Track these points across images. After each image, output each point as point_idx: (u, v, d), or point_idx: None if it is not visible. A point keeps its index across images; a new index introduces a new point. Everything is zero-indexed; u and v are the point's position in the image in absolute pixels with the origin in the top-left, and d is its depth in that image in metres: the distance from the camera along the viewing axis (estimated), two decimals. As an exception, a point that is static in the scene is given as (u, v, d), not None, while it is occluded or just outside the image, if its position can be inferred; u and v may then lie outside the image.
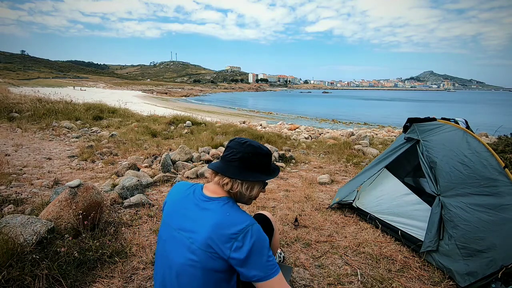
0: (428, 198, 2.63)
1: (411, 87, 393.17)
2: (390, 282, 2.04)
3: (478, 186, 2.18)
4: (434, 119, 2.72)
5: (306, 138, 9.96)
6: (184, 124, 9.59)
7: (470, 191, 2.19)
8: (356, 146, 6.69)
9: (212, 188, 1.24)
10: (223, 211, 1.15)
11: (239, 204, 1.30)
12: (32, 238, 1.92)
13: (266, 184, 1.35)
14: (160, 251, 1.28)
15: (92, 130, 8.19)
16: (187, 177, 4.30)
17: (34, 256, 1.80)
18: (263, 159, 1.26)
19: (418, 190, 3.08)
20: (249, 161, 1.22)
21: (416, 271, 2.17)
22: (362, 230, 2.81)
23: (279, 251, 2.26)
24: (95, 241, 2.17)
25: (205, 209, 1.17)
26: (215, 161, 1.01)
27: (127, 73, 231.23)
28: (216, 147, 6.05)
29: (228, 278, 1.15)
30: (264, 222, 1.63)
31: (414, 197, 2.64)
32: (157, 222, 2.80)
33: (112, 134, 7.36)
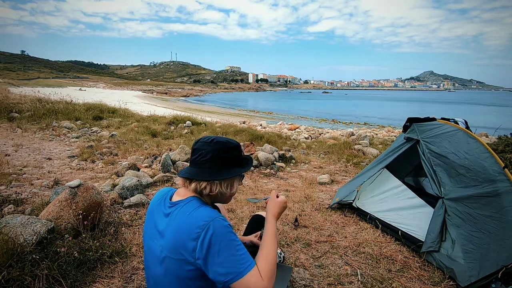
0: (428, 198, 2.63)
1: (411, 87, 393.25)
2: (390, 282, 2.04)
3: (479, 187, 2.19)
4: (434, 119, 2.72)
5: (306, 138, 9.96)
6: (184, 124, 9.59)
7: (472, 193, 2.19)
8: (356, 146, 6.69)
9: (183, 192, 1.19)
10: (184, 212, 1.10)
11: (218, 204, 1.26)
12: (32, 238, 1.92)
13: (243, 176, 1.31)
14: (145, 262, 1.27)
15: (92, 130, 8.19)
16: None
17: (34, 256, 1.80)
18: (234, 153, 1.21)
19: (418, 190, 3.08)
20: (221, 159, 1.17)
21: (416, 271, 2.17)
22: (362, 230, 2.81)
23: (279, 251, 2.26)
24: (95, 241, 2.17)
25: (169, 215, 1.13)
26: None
27: (127, 73, 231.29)
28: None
29: None
30: (263, 223, 1.63)
31: (415, 198, 2.64)
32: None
33: (112, 134, 7.36)
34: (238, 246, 1.03)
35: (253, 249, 1.50)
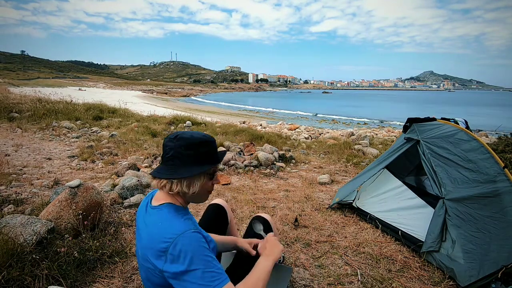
0: (429, 198, 2.63)
1: (411, 87, 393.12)
2: (390, 282, 2.04)
3: (480, 188, 2.19)
4: (434, 119, 2.72)
5: (306, 138, 9.96)
6: (184, 124, 9.59)
7: (473, 193, 2.19)
8: (356, 146, 6.69)
9: (158, 196, 1.15)
10: (155, 221, 1.06)
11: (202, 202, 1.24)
12: (32, 238, 1.92)
13: (214, 175, 1.19)
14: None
15: (92, 130, 8.19)
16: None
17: (34, 256, 1.80)
18: (200, 149, 1.11)
19: (419, 190, 3.08)
20: (183, 156, 1.08)
21: (416, 271, 2.17)
22: (362, 230, 2.81)
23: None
24: (95, 241, 2.17)
25: (145, 222, 1.11)
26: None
27: (127, 73, 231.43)
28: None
29: None
30: (263, 224, 1.63)
31: (416, 199, 2.64)
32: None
33: (112, 134, 7.36)
34: (209, 261, 0.97)
35: (246, 255, 1.46)
